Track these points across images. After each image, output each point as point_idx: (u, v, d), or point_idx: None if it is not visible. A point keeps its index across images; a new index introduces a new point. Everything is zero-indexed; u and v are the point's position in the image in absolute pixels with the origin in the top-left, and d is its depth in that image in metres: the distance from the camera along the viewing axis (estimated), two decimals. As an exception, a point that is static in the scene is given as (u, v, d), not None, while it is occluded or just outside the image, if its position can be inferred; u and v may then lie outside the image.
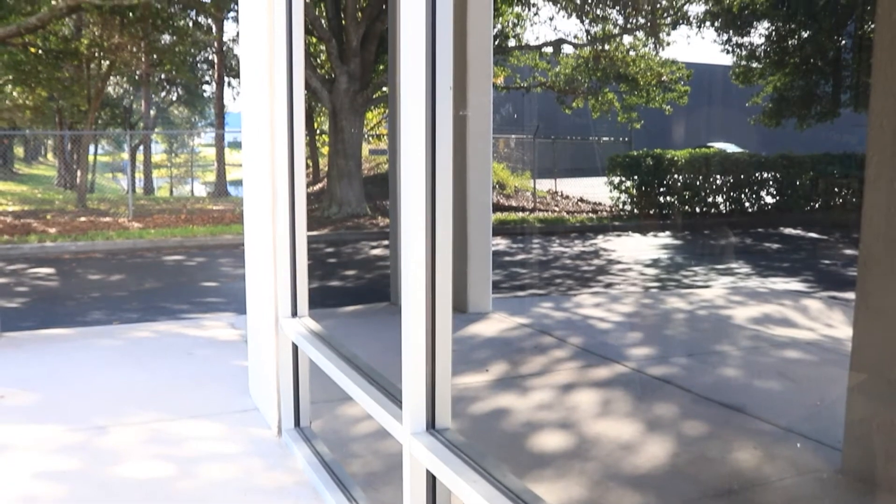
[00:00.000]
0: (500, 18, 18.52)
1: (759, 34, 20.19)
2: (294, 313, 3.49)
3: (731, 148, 22.15)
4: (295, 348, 3.44)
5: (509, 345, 5.30)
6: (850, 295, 7.54)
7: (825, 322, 6.16)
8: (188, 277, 10.84)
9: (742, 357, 5.04)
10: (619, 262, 11.51)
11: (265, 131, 3.58)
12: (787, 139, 18.75)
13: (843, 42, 19.47)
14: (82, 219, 16.20)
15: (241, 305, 4.42)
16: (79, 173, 20.90)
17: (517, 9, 18.83)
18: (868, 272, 2.81)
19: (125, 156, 28.57)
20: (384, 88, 16.18)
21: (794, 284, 9.27)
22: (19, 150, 43.52)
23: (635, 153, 17.09)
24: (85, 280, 10.36)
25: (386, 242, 11.17)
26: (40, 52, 19.36)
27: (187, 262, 12.05)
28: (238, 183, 25.64)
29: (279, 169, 3.48)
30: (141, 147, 29.85)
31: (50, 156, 47.73)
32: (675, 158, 16.45)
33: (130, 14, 17.30)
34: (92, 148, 27.45)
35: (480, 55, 6.06)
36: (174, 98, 32.09)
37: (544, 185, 20.63)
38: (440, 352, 2.02)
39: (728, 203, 16.80)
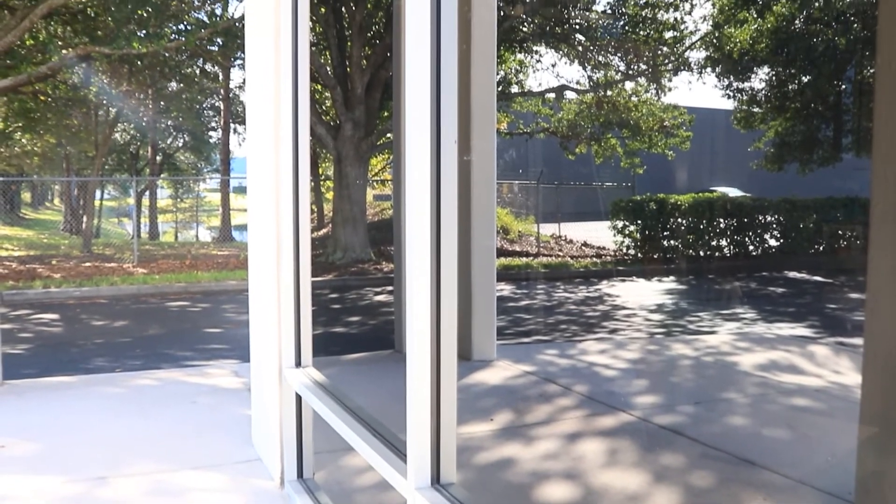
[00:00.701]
0: (503, 65, 18.74)
1: (759, 79, 20.41)
2: (298, 363, 3.47)
3: (733, 192, 22.23)
4: (299, 399, 3.42)
5: (514, 393, 5.25)
6: (858, 340, 7.49)
7: (833, 369, 6.11)
8: (192, 324, 10.82)
9: (750, 405, 4.98)
10: (623, 308, 11.47)
11: (270, 177, 3.60)
12: (790, 183, 18.82)
13: (843, 87, 19.65)
14: (87, 264, 16.24)
15: (244, 352, 4.39)
16: (84, 218, 21.02)
17: (520, 55, 19.06)
18: (875, 318, 2.78)
19: (131, 201, 28.73)
20: (389, 135, 16.32)
21: (801, 330, 9.22)
22: (26, 196, 43.88)
23: (638, 198, 17.15)
24: (89, 326, 10.35)
25: (390, 288, 11.15)
26: (49, 99, 19.61)
27: (191, 307, 12.04)
28: (243, 228, 25.73)
29: (284, 215, 3.49)
30: (147, 192, 30.06)
31: (56, 201, 48.09)
32: (679, 203, 16.50)
33: (139, 62, 17.54)
34: (98, 193, 27.66)
35: (484, 101, 6.12)
36: (180, 144, 32.42)
37: (548, 229, 20.68)
38: (445, 404, 2.00)
39: (732, 246, 16.80)
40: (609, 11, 17.61)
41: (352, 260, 16.43)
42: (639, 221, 16.73)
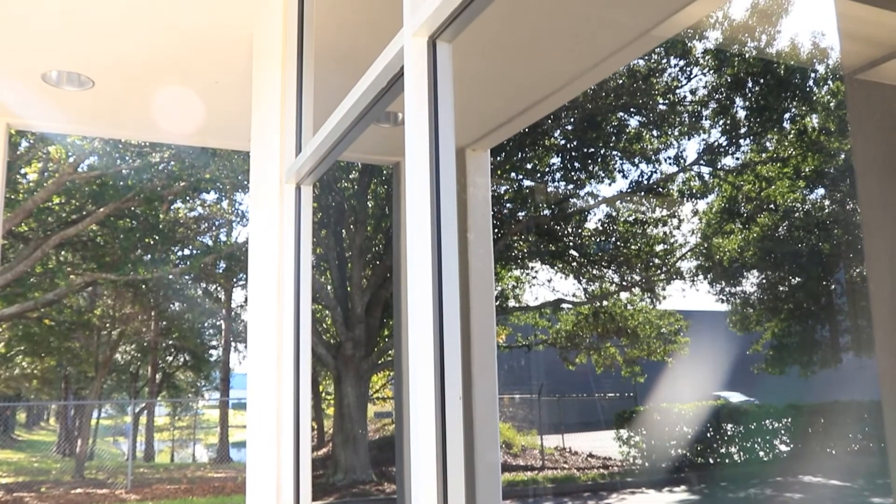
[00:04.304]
0: (500, 282, 19.23)
1: (750, 283, 20.89)
2: None
3: (736, 397, 22.03)
4: None
5: None
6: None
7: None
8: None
9: None
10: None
11: (272, 396, 3.60)
12: (793, 384, 18.72)
13: (834, 287, 20.06)
14: (78, 490, 15.73)
15: None
16: (79, 441, 20.62)
17: (516, 272, 19.61)
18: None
19: (128, 419, 28.31)
20: (390, 352, 16.42)
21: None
22: (21, 416, 43.21)
23: (641, 408, 16.98)
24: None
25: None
26: (53, 323, 19.89)
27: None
28: (241, 445, 25.18)
29: (285, 437, 3.46)
30: (145, 411, 29.69)
31: (52, 420, 47.30)
32: (683, 412, 16.32)
33: (143, 286, 17.98)
34: (95, 413, 27.31)
35: (483, 318, 6.22)
36: (181, 363, 32.51)
37: (551, 440, 20.25)
38: None
39: (741, 453, 16.41)
40: (601, 228, 18.36)
41: (352, 481, 15.97)
42: (644, 431, 16.45)
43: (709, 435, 16.23)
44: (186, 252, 16.99)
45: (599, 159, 16.86)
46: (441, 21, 1.94)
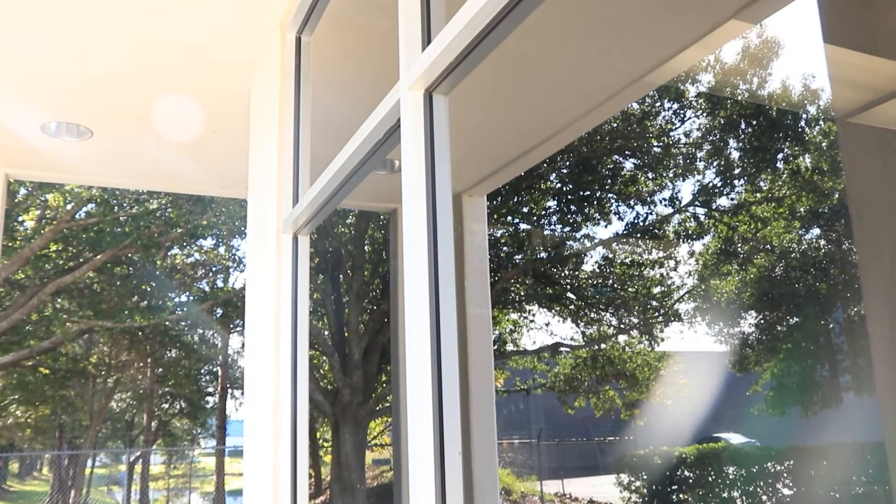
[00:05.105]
0: (498, 326, 19.17)
1: (748, 324, 20.85)
2: None
3: (737, 438, 21.85)
4: None
5: None
6: None
7: None
8: None
9: None
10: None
11: (269, 443, 3.57)
12: (794, 425, 18.59)
13: (833, 327, 20.03)
14: (72, 543, 15.47)
15: None
16: (73, 491, 20.33)
17: (513, 315, 19.57)
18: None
19: (123, 468, 27.99)
20: (388, 398, 16.30)
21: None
22: (14, 466, 42.64)
23: (642, 451, 16.82)
24: None
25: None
26: (48, 371, 19.75)
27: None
28: (238, 493, 24.86)
29: (282, 484, 3.42)
30: (140, 460, 29.34)
31: (45, 470, 46.68)
32: (684, 455, 16.16)
33: (139, 333, 17.90)
34: (89, 462, 26.99)
35: (481, 363, 6.19)
36: (177, 410, 32.23)
37: (551, 486, 20.01)
38: None
39: (744, 498, 16.21)
40: (598, 271, 18.38)
41: (351, 531, 15.74)
42: (645, 476, 16.27)
43: (710, 479, 16.05)
44: (183, 298, 16.95)
45: (595, 202, 16.94)
46: (437, 75, 1.96)
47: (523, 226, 17.34)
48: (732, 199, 18.70)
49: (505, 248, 17.29)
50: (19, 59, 3.53)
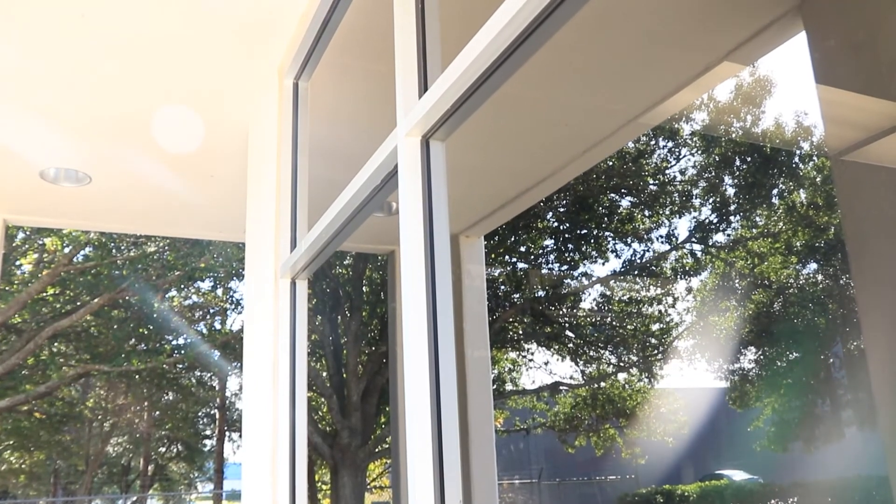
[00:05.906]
0: (497, 365, 19.08)
1: (748, 360, 20.76)
2: None
3: (739, 475, 21.63)
4: None
5: None
6: None
7: None
8: None
9: None
10: None
11: (267, 486, 3.53)
12: (797, 461, 18.41)
13: (832, 361, 19.95)
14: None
15: None
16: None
17: (512, 355, 19.49)
18: None
19: (118, 516, 27.60)
20: (388, 439, 16.15)
21: None
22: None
23: (644, 490, 16.65)
24: None
25: None
26: (44, 416, 19.57)
27: None
28: (234, 541, 24.51)
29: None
30: (136, 506, 28.97)
31: (40, 519, 45.97)
32: (686, 493, 16.00)
33: (136, 376, 17.79)
34: (84, 509, 26.60)
35: (481, 404, 6.15)
36: (174, 454, 31.91)
37: (554, 527, 19.77)
38: None
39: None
40: (596, 309, 18.35)
41: (350, 577, 15.48)
42: (648, 515, 16.11)
43: (715, 518, 15.89)
44: (181, 341, 16.87)
45: (592, 240, 16.97)
46: (433, 122, 1.98)
47: (521, 265, 17.35)
48: (729, 235, 18.77)
49: (503, 287, 17.28)
50: (20, 105, 3.56)
